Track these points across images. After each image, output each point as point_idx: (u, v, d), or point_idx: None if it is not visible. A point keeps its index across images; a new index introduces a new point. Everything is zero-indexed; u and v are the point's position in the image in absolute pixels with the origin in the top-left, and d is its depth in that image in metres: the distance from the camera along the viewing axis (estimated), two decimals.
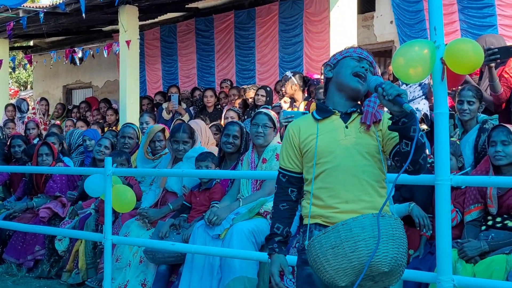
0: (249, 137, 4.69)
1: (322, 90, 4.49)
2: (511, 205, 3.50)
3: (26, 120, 9.65)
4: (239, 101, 7.76)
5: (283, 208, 2.43)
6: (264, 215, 4.14)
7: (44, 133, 8.68)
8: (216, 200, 4.46)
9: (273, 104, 6.91)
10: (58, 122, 9.61)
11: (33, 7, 9.99)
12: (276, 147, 4.32)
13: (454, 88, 4.62)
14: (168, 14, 10.90)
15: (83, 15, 8.22)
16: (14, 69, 13.53)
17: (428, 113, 5.03)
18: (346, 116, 2.35)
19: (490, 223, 3.57)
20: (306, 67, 9.03)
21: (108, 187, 4.31)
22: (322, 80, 6.16)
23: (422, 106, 5.09)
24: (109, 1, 8.58)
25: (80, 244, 5.22)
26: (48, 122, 10.15)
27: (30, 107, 11.16)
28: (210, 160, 4.63)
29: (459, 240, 3.53)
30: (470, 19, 7.43)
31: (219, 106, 8.17)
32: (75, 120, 9.00)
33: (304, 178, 2.41)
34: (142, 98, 9.59)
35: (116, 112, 9.17)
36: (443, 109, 2.72)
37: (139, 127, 6.34)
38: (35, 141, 7.78)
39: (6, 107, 10.28)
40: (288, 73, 6.96)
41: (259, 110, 4.64)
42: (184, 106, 8.38)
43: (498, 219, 3.55)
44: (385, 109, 2.26)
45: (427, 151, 2.24)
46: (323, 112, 2.38)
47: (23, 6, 9.33)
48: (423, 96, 5.20)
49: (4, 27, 9.90)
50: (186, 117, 7.74)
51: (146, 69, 11.70)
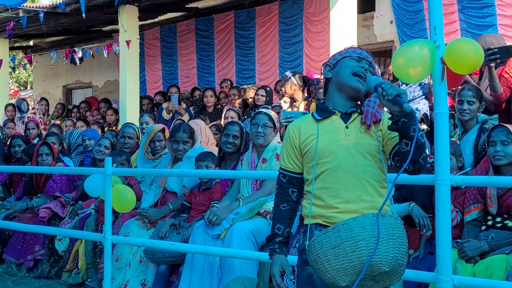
0: (249, 137, 4.69)
1: (322, 90, 4.50)
2: (511, 205, 3.50)
3: (26, 120, 9.64)
4: (239, 101, 7.76)
5: (284, 208, 2.43)
6: (264, 215, 4.14)
7: (44, 133, 8.68)
8: (216, 200, 4.46)
9: (273, 104, 6.91)
10: (58, 122, 9.60)
11: (33, 7, 9.99)
12: (276, 147, 4.32)
13: (454, 88, 4.62)
14: (168, 14, 10.90)
15: (83, 15, 8.21)
16: (14, 69, 13.53)
17: (428, 113, 5.02)
18: (346, 116, 2.35)
19: (490, 223, 3.57)
20: (306, 67, 9.03)
21: (108, 187, 4.30)
22: (322, 80, 6.15)
23: (422, 106, 5.08)
24: (109, 1, 8.58)
25: (80, 244, 5.22)
26: (48, 122, 10.15)
27: (30, 107, 11.15)
28: (210, 160, 4.63)
29: (459, 240, 3.53)
30: (470, 19, 7.43)
31: (219, 106, 8.17)
32: (75, 120, 8.99)
33: (304, 178, 2.41)
34: (142, 98, 9.59)
35: (116, 112, 9.16)
36: (443, 109, 2.72)
37: (139, 127, 6.34)
38: (35, 141, 7.78)
39: (6, 107, 10.28)
40: (288, 73, 6.95)
41: (259, 110, 4.63)
42: (184, 106, 8.38)
43: (498, 219, 3.55)
44: (385, 109, 2.26)
45: (427, 151, 2.24)
46: (323, 112, 2.38)
47: (23, 6, 9.33)
48: (423, 96, 5.19)
49: (4, 27, 9.89)
50: (186, 117, 7.73)
51: (146, 69, 11.69)
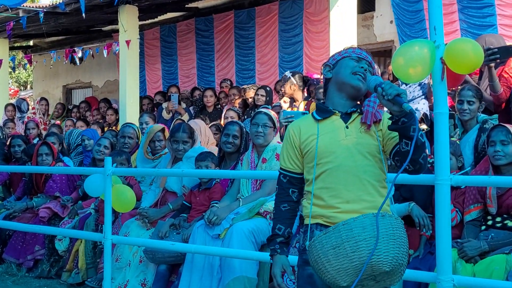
0: (249, 137, 4.69)
1: (322, 90, 4.50)
2: (510, 205, 3.50)
3: (26, 120, 9.63)
4: (239, 101, 7.76)
5: (284, 209, 2.43)
6: (264, 215, 4.14)
7: (44, 133, 8.68)
8: (216, 200, 4.46)
9: (273, 104, 6.91)
10: (58, 122, 9.60)
11: (33, 7, 9.99)
12: (276, 147, 4.31)
13: (454, 88, 4.61)
14: (168, 14, 10.90)
15: (83, 14, 8.21)
16: (14, 69, 13.52)
17: (428, 113, 5.02)
18: (346, 116, 2.35)
19: (490, 223, 3.57)
20: (306, 67, 9.03)
21: (108, 187, 4.30)
22: (322, 81, 6.15)
23: (421, 106, 5.08)
24: (108, 1, 8.57)
25: (80, 244, 5.22)
26: (48, 122, 10.15)
27: (30, 107, 11.15)
28: (210, 160, 4.62)
29: (459, 240, 3.53)
30: (470, 18, 7.43)
31: (219, 106, 8.17)
32: (75, 120, 8.99)
33: (304, 178, 2.40)
34: (143, 98, 9.59)
35: (116, 112, 9.16)
36: (443, 109, 2.72)
37: (138, 127, 6.34)
38: (35, 141, 7.78)
39: (6, 107, 10.28)
40: (287, 73, 6.95)
41: (259, 110, 4.63)
42: (183, 105, 8.38)
43: (498, 219, 3.55)
44: (385, 109, 2.26)
45: (427, 151, 2.24)
46: (323, 112, 2.38)
47: (23, 6, 9.33)
48: (423, 96, 5.19)
49: (4, 27, 9.89)
50: (185, 116, 7.73)
51: (146, 69, 11.68)
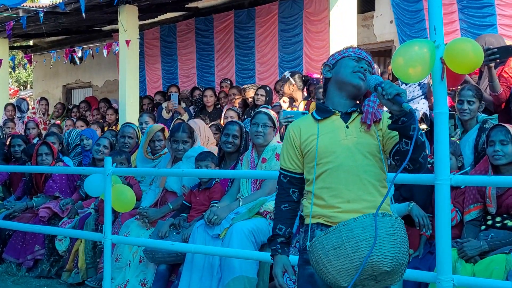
0: (248, 136, 4.69)
1: (322, 90, 4.50)
2: (510, 204, 3.50)
3: (26, 119, 9.64)
4: (238, 100, 7.76)
5: (285, 209, 2.43)
6: (264, 214, 4.14)
7: (44, 132, 8.68)
8: (215, 200, 4.46)
9: (273, 104, 6.91)
10: (58, 121, 9.60)
11: (33, 7, 9.99)
12: (276, 146, 4.31)
13: (453, 88, 4.61)
14: (167, 13, 10.89)
15: (83, 14, 8.21)
16: (14, 68, 13.52)
17: (427, 112, 5.02)
18: (346, 116, 2.35)
19: (489, 222, 3.57)
20: (306, 66, 9.02)
21: (108, 187, 4.30)
22: (322, 80, 6.14)
23: (421, 105, 5.08)
24: (108, 0, 8.57)
25: (80, 243, 5.22)
26: (48, 122, 10.15)
27: (30, 107, 11.14)
28: (209, 159, 4.62)
29: (458, 239, 3.53)
30: (470, 18, 7.42)
31: (219, 106, 8.17)
32: (75, 120, 8.99)
33: (305, 178, 2.40)
34: (143, 98, 9.59)
35: (116, 111, 9.16)
36: (443, 108, 2.72)
37: (138, 127, 6.34)
38: (35, 140, 7.78)
39: (6, 106, 10.28)
40: (286, 73, 6.95)
41: (259, 110, 4.63)
42: (183, 105, 8.38)
43: (498, 219, 3.55)
44: (384, 108, 2.26)
45: (426, 150, 2.24)
46: (323, 112, 2.38)
47: (23, 6, 9.33)
48: (423, 96, 5.19)
49: (4, 27, 9.89)
50: (185, 116, 7.73)
51: (146, 68, 11.68)
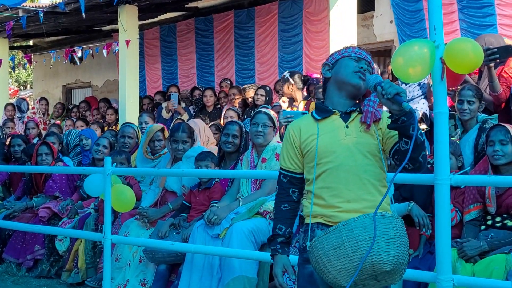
0: (248, 136, 4.69)
1: (322, 90, 4.50)
2: (510, 204, 3.50)
3: (25, 119, 9.63)
4: (238, 100, 7.76)
5: (285, 209, 2.44)
6: (263, 214, 4.14)
7: (43, 132, 8.67)
8: (215, 200, 4.46)
9: (272, 104, 6.91)
10: (58, 121, 9.60)
11: (32, 7, 9.99)
12: (275, 146, 4.31)
13: (453, 88, 4.61)
14: (167, 13, 10.89)
15: (83, 14, 8.21)
16: (13, 68, 13.53)
17: (427, 112, 5.02)
18: (346, 116, 2.35)
19: (489, 222, 3.57)
20: (305, 66, 9.02)
21: (107, 187, 4.30)
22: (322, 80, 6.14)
23: (421, 105, 5.09)
24: (108, 0, 8.57)
25: (80, 243, 5.22)
26: (47, 122, 10.15)
27: (30, 107, 11.14)
28: (209, 159, 4.62)
29: (458, 239, 3.53)
30: (470, 18, 7.42)
31: (219, 106, 8.17)
32: (75, 120, 8.99)
33: (305, 178, 2.41)
34: (143, 98, 9.59)
35: (116, 111, 9.16)
36: (443, 108, 2.72)
37: (138, 126, 6.33)
38: (35, 140, 7.78)
39: (6, 106, 10.28)
40: (286, 73, 6.94)
41: (259, 110, 4.63)
42: (183, 105, 8.38)
43: (498, 219, 3.55)
44: (384, 108, 2.26)
45: (426, 151, 2.24)
46: (323, 112, 2.38)
47: (23, 6, 9.33)
48: (422, 96, 5.19)
49: (3, 27, 9.89)
50: (185, 116, 7.73)
51: (145, 68, 11.68)
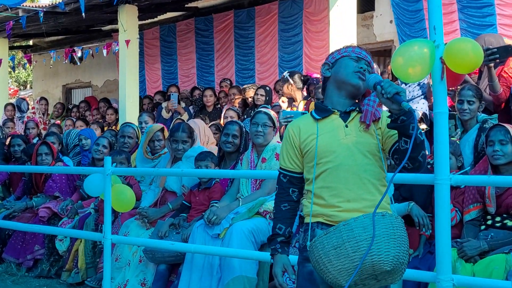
0: (248, 136, 4.69)
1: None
2: (509, 204, 3.50)
3: (25, 119, 9.63)
4: (238, 100, 7.75)
5: (285, 208, 2.44)
6: (263, 214, 4.14)
7: (43, 132, 8.67)
8: (215, 200, 4.46)
9: (272, 104, 6.91)
10: (58, 121, 9.60)
11: (32, 7, 9.99)
12: (275, 146, 4.31)
13: (453, 88, 4.61)
14: (167, 13, 10.89)
15: (83, 14, 8.22)
16: (13, 68, 13.53)
17: (427, 112, 5.02)
18: (345, 115, 2.35)
19: (489, 222, 3.57)
20: (305, 66, 9.01)
21: (107, 187, 4.30)
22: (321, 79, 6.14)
23: (421, 105, 5.09)
24: (108, 0, 8.57)
25: (80, 243, 5.22)
26: (47, 122, 10.14)
27: (30, 107, 11.15)
28: (209, 159, 4.62)
29: (458, 239, 3.53)
30: (470, 18, 7.42)
31: (219, 106, 8.17)
32: (74, 120, 8.99)
33: (304, 177, 2.41)
34: (143, 98, 9.59)
35: (116, 111, 9.16)
36: (443, 108, 2.72)
37: (138, 126, 6.33)
38: (35, 140, 7.77)
39: (6, 106, 10.28)
40: (285, 73, 6.94)
41: (258, 109, 4.63)
42: (183, 105, 8.38)
43: (498, 219, 3.55)
44: (384, 107, 2.26)
45: (426, 151, 2.24)
46: (322, 111, 2.38)
47: (23, 6, 9.33)
48: (422, 96, 5.19)
49: (3, 27, 9.89)
50: (185, 116, 7.72)
51: (145, 68, 11.68)
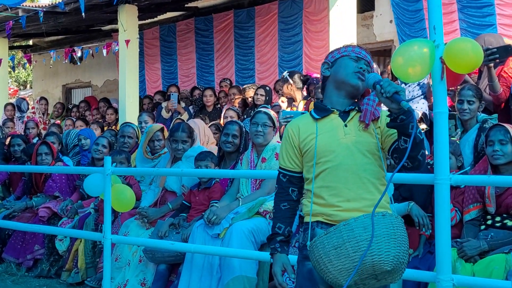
0: (248, 136, 4.69)
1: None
2: (509, 204, 3.50)
3: (25, 119, 9.63)
4: (238, 100, 7.75)
5: (284, 208, 2.44)
6: (263, 214, 4.14)
7: (43, 132, 8.67)
8: (215, 200, 4.46)
9: (272, 104, 6.91)
10: (58, 121, 9.60)
11: (32, 6, 9.98)
12: (275, 146, 4.31)
13: (453, 88, 4.61)
14: (167, 13, 10.89)
15: (83, 14, 8.21)
16: (13, 68, 13.53)
17: (427, 112, 5.02)
18: (344, 115, 2.35)
19: (489, 222, 3.57)
20: (305, 66, 9.01)
21: (107, 187, 4.30)
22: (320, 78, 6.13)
23: (421, 105, 5.09)
24: (108, 0, 8.57)
25: (80, 243, 5.22)
26: (47, 122, 10.14)
27: (30, 107, 11.15)
28: (209, 159, 4.62)
29: (458, 239, 3.53)
30: (470, 18, 7.42)
31: (219, 106, 8.17)
32: (74, 120, 8.98)
33: (304, 177, 2.41)
34: (143, 98, 9.59)
35: (116, 111, 9.16)
36: (443, 108, 2.72)
37: (138, 126, 6.33)
38: (35, 140, 7.78)
39: (6, 106, 10.28)
40: (285, 73, 6.94)
41: (258, 109, 4.63)
42: (183, 105, 8.38)
43: (498, 219, 3.55)
44: (383, 107, 2.26)
45: (426, 151, 2.24)
46: (322, 111, 2.38)
47: (23, 6, 9.33)
48: (422, 96, 5.20)
49: (3, 26, 9.89)
50: (185, 116, 7.72)
51: (145, 68, 11.67)
